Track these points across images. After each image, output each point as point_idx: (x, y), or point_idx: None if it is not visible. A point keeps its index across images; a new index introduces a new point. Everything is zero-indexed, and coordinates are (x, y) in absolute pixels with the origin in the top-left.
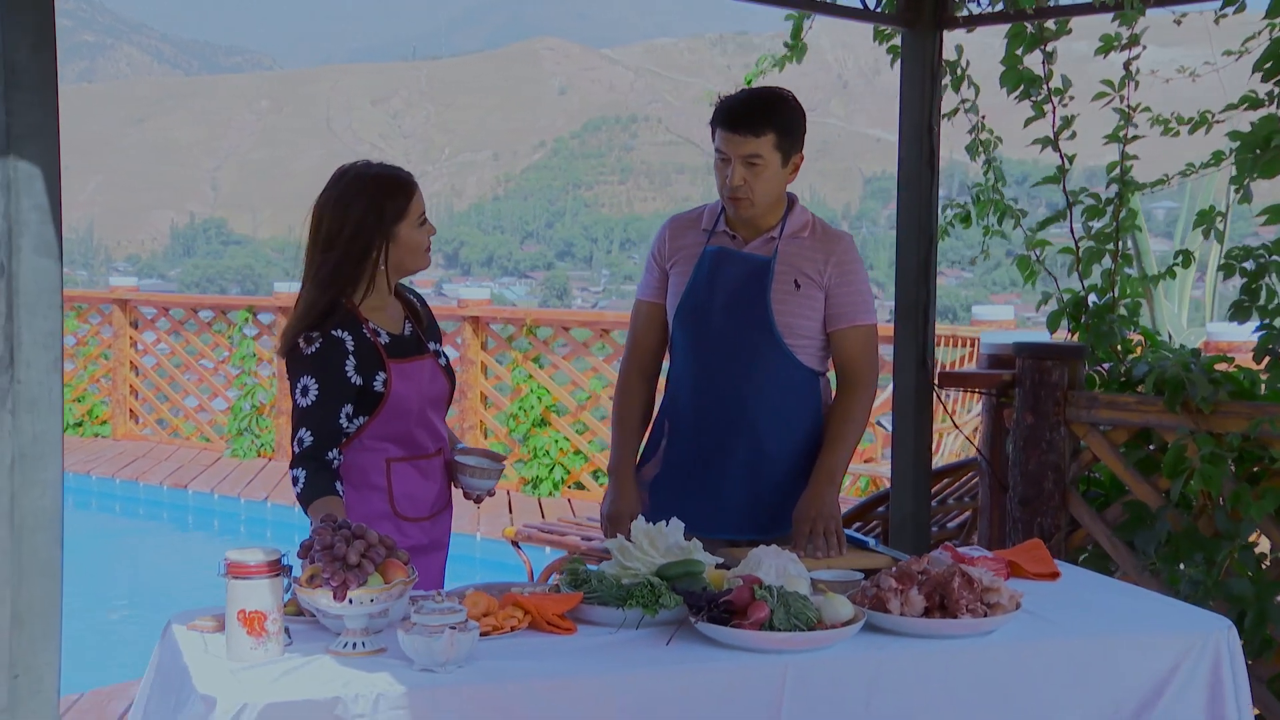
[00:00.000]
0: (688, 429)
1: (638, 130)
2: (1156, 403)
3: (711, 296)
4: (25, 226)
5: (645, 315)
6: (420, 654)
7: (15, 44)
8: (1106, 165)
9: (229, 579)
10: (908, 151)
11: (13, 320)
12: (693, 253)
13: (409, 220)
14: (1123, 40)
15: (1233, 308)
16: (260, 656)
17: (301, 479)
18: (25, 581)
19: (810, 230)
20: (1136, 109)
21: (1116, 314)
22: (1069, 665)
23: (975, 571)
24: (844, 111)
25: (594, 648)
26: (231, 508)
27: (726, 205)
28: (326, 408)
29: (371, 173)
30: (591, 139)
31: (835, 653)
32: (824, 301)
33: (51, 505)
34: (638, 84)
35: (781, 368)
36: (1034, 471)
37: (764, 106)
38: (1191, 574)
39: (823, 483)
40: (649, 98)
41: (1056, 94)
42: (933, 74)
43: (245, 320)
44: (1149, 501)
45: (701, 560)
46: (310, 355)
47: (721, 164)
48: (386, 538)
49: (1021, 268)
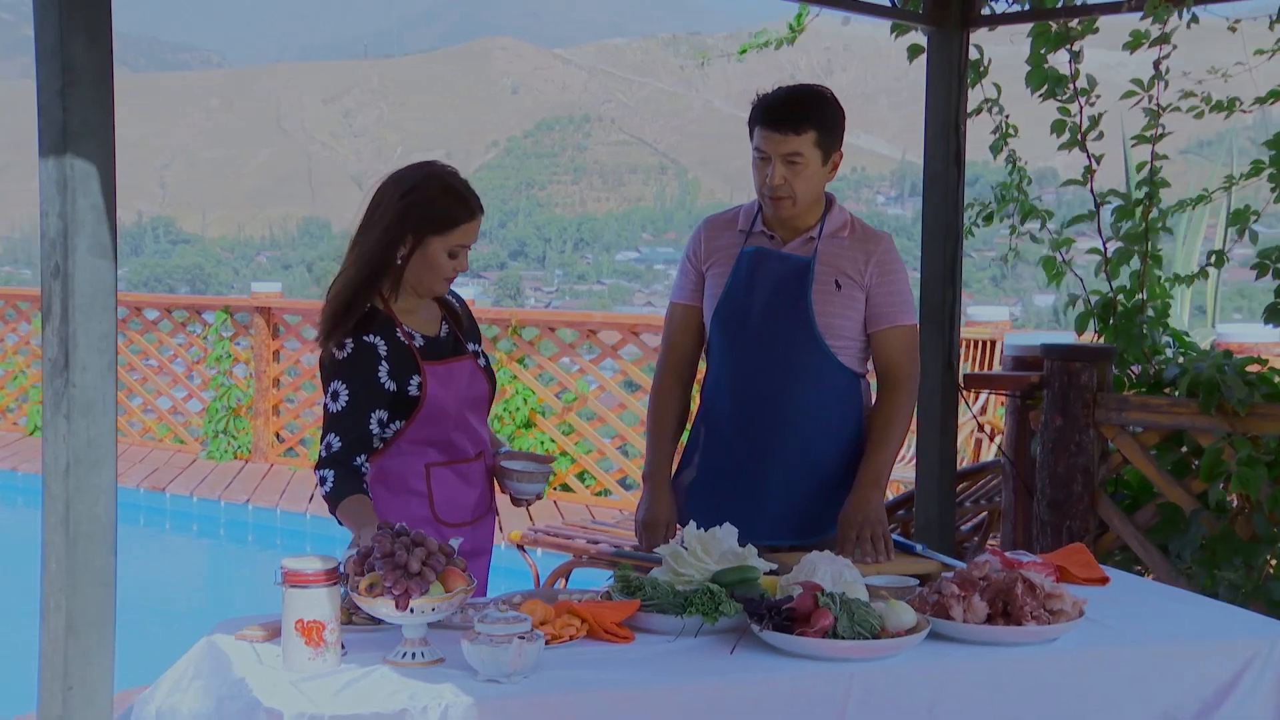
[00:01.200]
0: (726, 433)
1: (591, 130)
2: (1189, 405)
3: (751, 297)
4: (81, 226)
5: (680, 318)
6: (486, 664)
7: (72, 39)
8: (1136, 165)
9: (286, 588)
10: (933, 151)
11: (68, 322)
12: (730, 253)
13: (445, 240)
14: (1151, 37)
15: (1268, 311)
16: (319, 667)
17: (330, 479)
18: (79, 590)
19: (850, 230)
20: (1165, 109)
21: (1145, 315)
22: (1134, 673)
23: (1036, 578)
24: None
25: (655, 656)
26: (211, 511)
27: (766, 205)
28: (356, 414)
29: (444, 177)
30: (544, 138)
31: (900, 661)
32: (865, 302)
33: (105, 512)
34: (591, 84)
35: (824, 369)
36: (1063, 474)
37: (804, 104)
38: (1230, 578)
39: (868, 486)
40: (602, 97)
41: (1083, 94)
42: (959, 73)
43: (222, 321)
44: (1182, 504)
45: (757, 566)
46: (342, 360)
47: (761, 163)
48: (445, 545)
49: (1047, 268)
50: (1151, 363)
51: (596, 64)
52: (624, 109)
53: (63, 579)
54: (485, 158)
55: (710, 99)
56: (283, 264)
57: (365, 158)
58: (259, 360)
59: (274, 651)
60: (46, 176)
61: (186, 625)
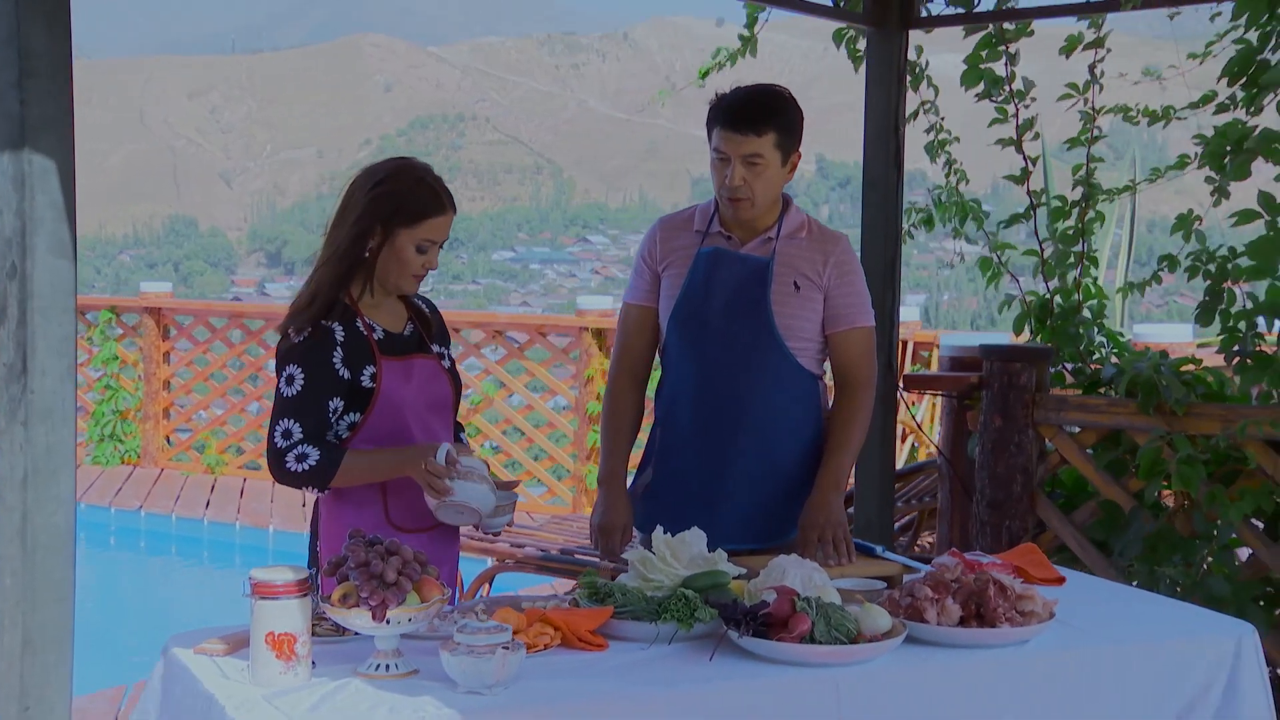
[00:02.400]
0: (685, 435)
1: (465, 129)
2: (1128, 405)
3: (709, 299)
4: (40, 225)
5: (635, 319)
6: (468, 676)
7: (30, 28)
8: (1072, 167)
9: (256, 600)
10: (873, 153)
11: (26, 325)
12: (687, 254)
13: (413, 234)
14: (1086, 41)
15: (1199, 309)
16: (290, 681)
17: (313, 454)
18: (38, 606)
19: (807, 231)
20: (1100, 111)
21: (1081, 316)
22: (1109, 673)
23: (1007, 579)
24: (671, 113)
25: (633, 664)
26: (100, 518)
27: (724, 206)
28: (314, 398)
29: (416, 171)
30: (418, 137)
31: (880, 664)
32: (823, 303)
33: (64, 524)
34: (465, 83)
35: (783, 371)
36: (1003, 474)
37: (765, 105)
38: (1171, 574)
39: (829, 489)
40: (476, 96)
41: (1019, 96)
42: (899, 74)
43: (108, 321)
44: (1121, 503)
45: (726, 571)
46: (297, 344)
47: (720, 164)
48: (420, 553)
49: (984, 269)
50: (1087, 363)
51: (471, 63)
52: (499, 108)
53: (19, 594)
54: (358, 156)
55: (585, 99)
56: (147, 263)
57: (234, 155)
58: (148, 362)
59: (238, 666)
60: (1, 172)
61: (81, 637)
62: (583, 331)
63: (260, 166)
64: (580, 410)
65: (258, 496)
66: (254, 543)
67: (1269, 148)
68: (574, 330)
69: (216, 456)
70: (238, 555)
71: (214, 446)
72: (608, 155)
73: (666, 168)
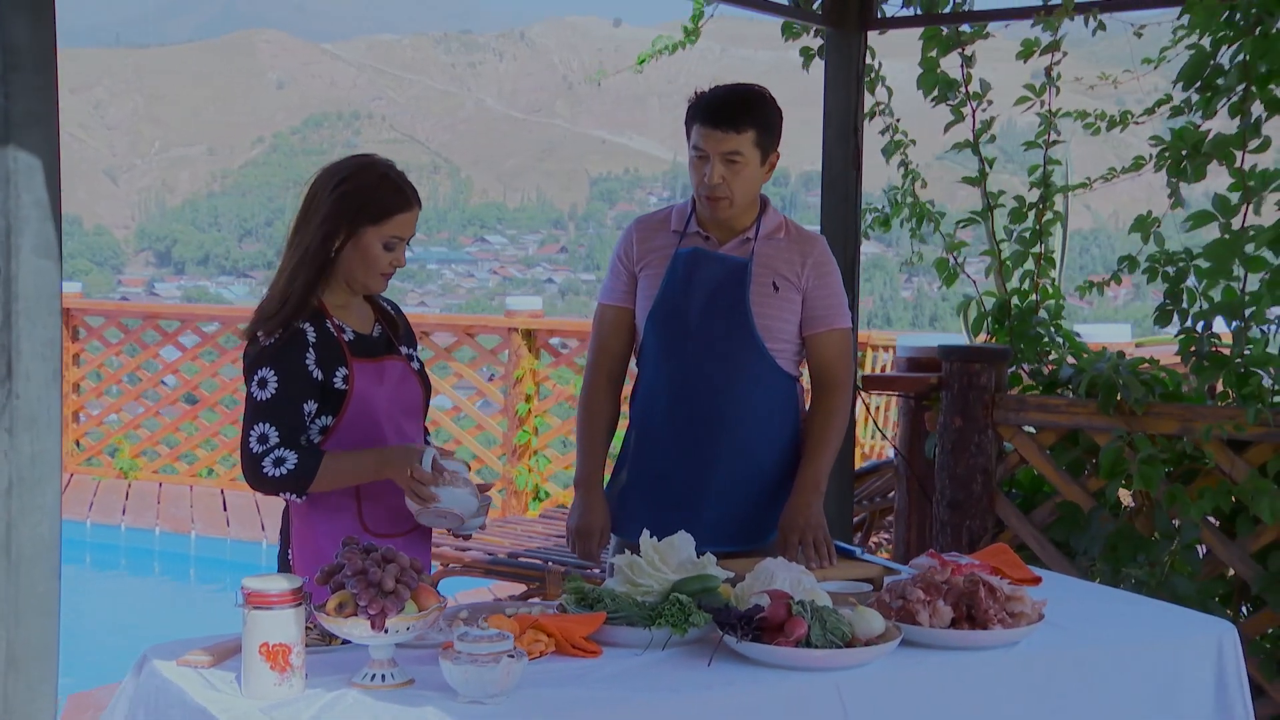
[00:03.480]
0: (663, 437)
1: (361, 127)
2: (1088, 405)
3: (688, 299)
4: (25, 224)
5: (612, 320)
6: (470, 685)
7: (14, 20)
8: (1028, 168)
9: (249, 610)
10: (832, 153)
11: (11, 329)
12: (664, 254)
13: (380, 231)
14: (1043, 45)
15: (1157, 311)
16: (285, 693)
17: (291, 457)
18: (22, 620)
19: (785, 231)
20: (1057, 114)
21: (1039, 317)
22: (1102, 673)
23: (995, 581)
24: (569, 113)
25: (631, 670)
26: None
27: (702, 205)
28: (288, 401)
29: (379, 168)
30: (313, 135)
31: (877, 667)
32: (801, 304)
33: (49, 534)
34: (360, 80)
35: (762, 372)
36: (963, 475)
37: (744, 102)
38: (1136, 574)
39: (809, 491)
40: (372, 94)
41: (975, 98)
42: (857, 75)
43: None
44: (1080, 503)
45: (716, 575)
46: (268, 347)
47: (699, 162)
48: (415, 560)
49: (940, 270)
50: (1043, 363)
51: (366, 60)
52: (395, 106)
53: (2, 608)
54: (250, 154)
55: (482, 98)
56: None
57: (120, 152)
58: None
59: (225, 677)
60: None
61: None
62: (512, 332)
63: (148, 164)
64: (509, 412)
65: (176, 502)
66: (175, 549)
67: (1224, 151)
68: (503, 331)
69: (130, 461)
70: (157, 562)
71: (127, 450)
72: (505, 155)
73: (564, 168)
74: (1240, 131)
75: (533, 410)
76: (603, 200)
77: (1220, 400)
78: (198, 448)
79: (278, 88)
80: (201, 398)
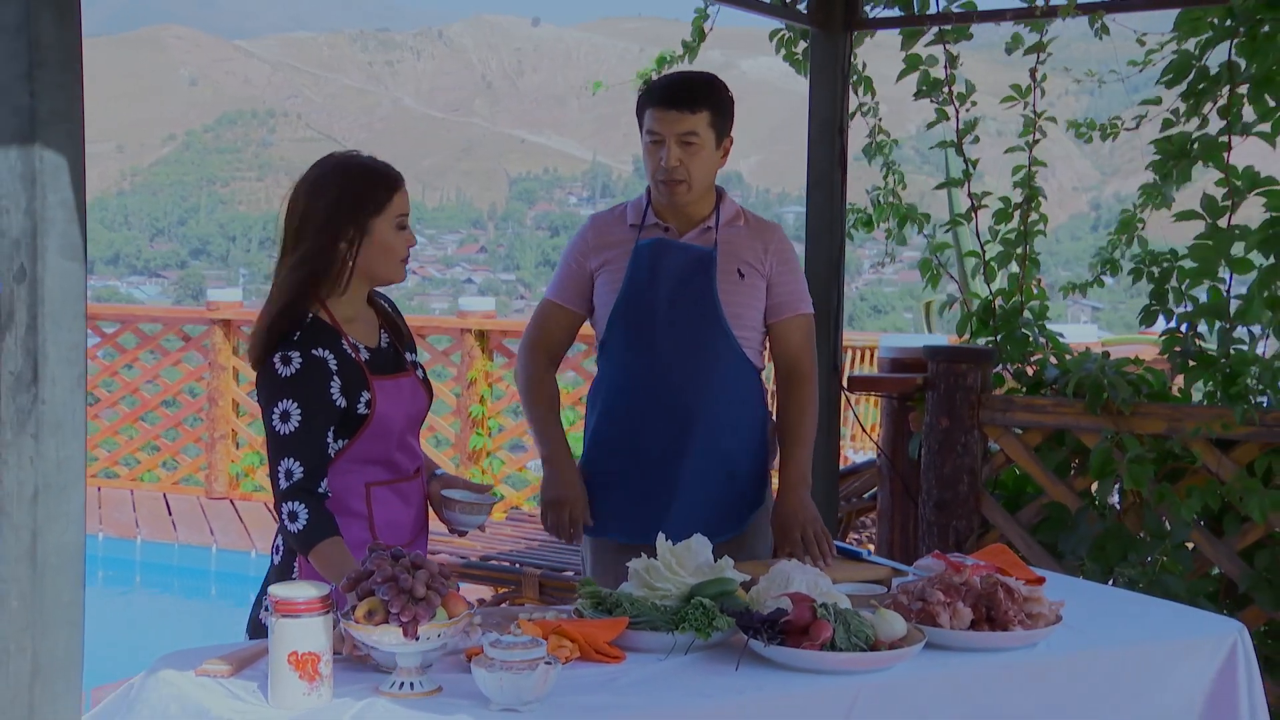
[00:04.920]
0: (631, 433)
1: (276, 125)
2: (1074, 405)
3: (655, 291)
4: (51, 225)
5: (556, 316)
6: (505, 693)
7: (40, 15)
8: (1013, 168)
9: (277, 618)
10: (817, 153)
11: (36, 332)
12: (625, 249)
13: (386, 217)
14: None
15: (1143, 311)
16: (315, 703)
17: (303, 515)
18: (48, 630)
19: (744, 220)
20: (1042, 115)
21: (1024, 317)
22: (1123, 674)
23: (1012, 582)
24: (488, 112)
25: (658, 675)
26: None
27: (659, 191)
28: (312, 435)
29: (355, 161)
30: (226, 133)
31: (902, 670)
32: (765, 291)
33: (75, 542)
34: (275, 78)
35: (731, 362)
36: (949, 475)
37: (697, 84)
38: (1129, 574)
39: (798, 486)
40: (288, 93)
41: (960, 98)
42: (843, 75)
43: None
44: (1067, 503)
45: (734, 578)
46: (289, 377)
47: (654, 146)
48: (444, 565)
49: (924, 270)
50: (1027, 363)
51: (281, 58)
52: (311, 105)
53: (28, 617)
54: (161, 151)
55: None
56: None
57: None
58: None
59: (248, 687)
60: (9, 169)
61: None
62: (465, 334)
63: None
64: (462, 413)
65: (118, 506)
66: (119, 555)
67: (1211, 153)
68: (455, 332)
69: None
70: (101, 570)
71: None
72: (423, 154)
73: (483, 167)
74: (1227, 132)
75: (487, 412)
76: (522, 200)
77: (1208, 400)
78: (138, 451)
79: (189, 84)
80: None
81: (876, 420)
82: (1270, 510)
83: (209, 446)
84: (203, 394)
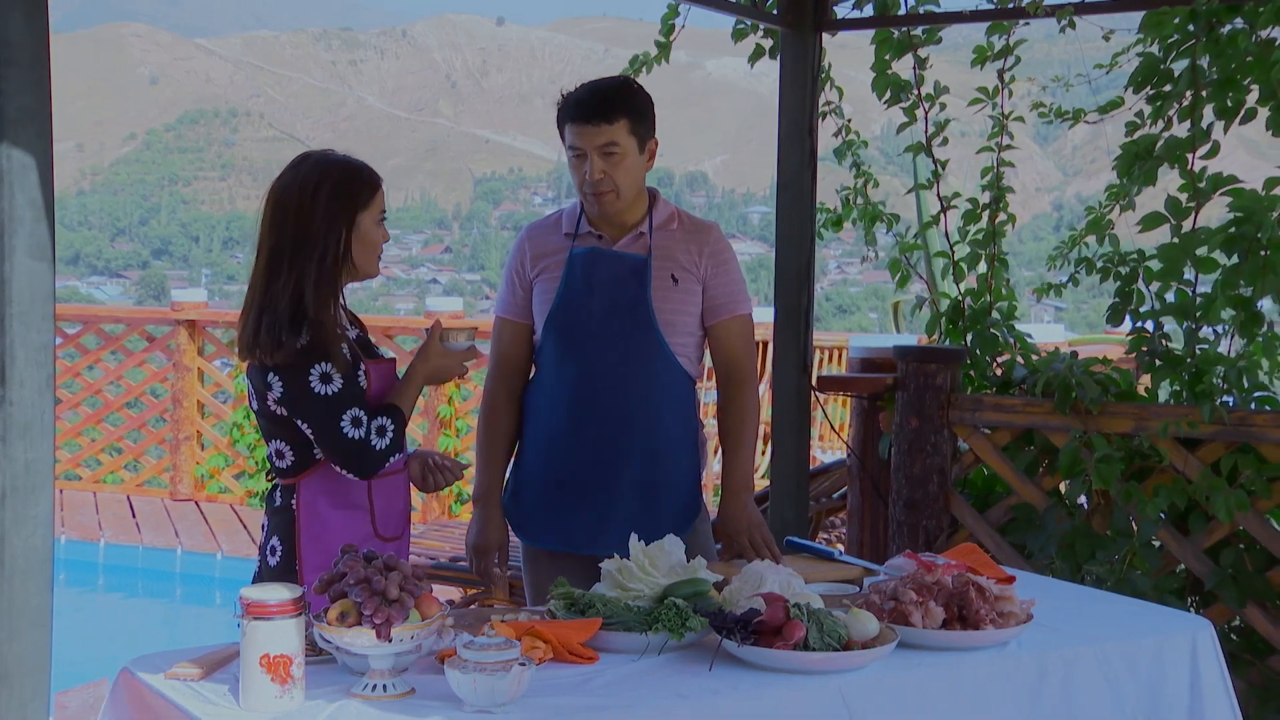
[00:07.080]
0: (566, 443)
1: (239, 125)
2: (1043, 404)
3: (589, 300)
4: (19, 225)
5: (509, 334)
6: (480, 695)
7: (7, 14)
8: (981, 169)
9: (248, 621)
10: (787, 153)
11: (4, 333)
12: (559, 259)
13: (372, 211)
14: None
15: (1109, 310)
16: (286, 705)
17: (388, 424)
18: (16, 634)
19: (678, 222)
20: (1009, 116)
21: (992, 318)
22: (1086, 671)
23: (984, 581)
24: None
25: (631, 676)
26: None
27: (588, 203)
28: (354, 382)
29: (338, 158)
30: (188, 132)
31: (878, 669)
32: (701, 294)
33: (43, 545)
34: (238, 77)
35: (665, 372)
36: (919, 475)
37: (611, 93)
38: (1097, 572)
39: (741, 491)
40: (250, 91)
41: (928, 100)
42: (813, 75)
43: None
44: (1035, 502)
45: (707, 579)
46: (308, 344)
47: (578, 161)
48: (419, 567)
49: (893, 271)
50: (995, 364)
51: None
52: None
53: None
54: (122, 151)
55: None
56: None
57: None
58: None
59: (219, 690)
60: None
61: None
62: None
63: None
64: (430, 414)
65: (81, 509)
66: (81, 557)
67: (1175, 155)
68: (422, 333)
69: None
70: (63, 571)
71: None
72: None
73: (448, 167)
74: (1190, 136)
75: (455, 413)
76: (487, 200)
77: (1175, 399)
78: (101, 453)
79: (150, 83)
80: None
81: (846, 420)
82: (1235, 509)
83: (173, 448)
84: (166, 395)
